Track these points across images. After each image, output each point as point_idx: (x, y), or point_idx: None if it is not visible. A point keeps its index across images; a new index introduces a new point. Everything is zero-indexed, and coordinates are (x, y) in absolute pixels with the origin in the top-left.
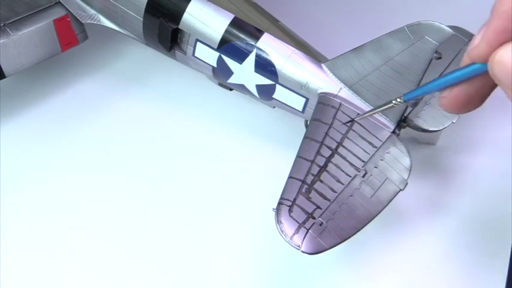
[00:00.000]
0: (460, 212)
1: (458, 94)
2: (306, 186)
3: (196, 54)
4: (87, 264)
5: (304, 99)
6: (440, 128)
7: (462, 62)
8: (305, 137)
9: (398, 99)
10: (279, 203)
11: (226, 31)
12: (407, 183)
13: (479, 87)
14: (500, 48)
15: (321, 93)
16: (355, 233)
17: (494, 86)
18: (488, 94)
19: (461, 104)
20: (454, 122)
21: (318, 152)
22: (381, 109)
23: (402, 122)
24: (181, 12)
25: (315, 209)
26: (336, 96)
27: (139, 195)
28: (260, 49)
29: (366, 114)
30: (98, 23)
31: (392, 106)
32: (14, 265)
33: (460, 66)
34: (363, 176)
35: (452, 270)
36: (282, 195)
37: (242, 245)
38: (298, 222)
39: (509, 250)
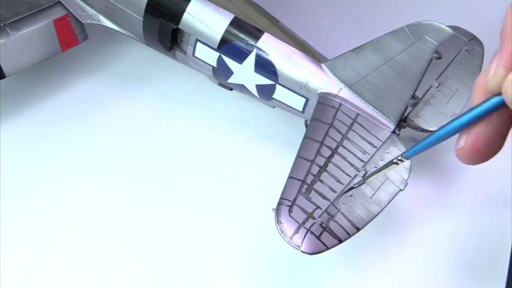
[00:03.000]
0: (460, 212)
1: (477, 139)
2: (306, 186)
3: (196, 54)
4: (87, 264)
5: (304, 99)
6: None
7: (472, 101)
8: (305, 137)
9: (399, 158)
10: (279, 203)
11: (226, 31)
12: (407, 183)
13: (499, 125)
14: None
15: (321, 93)
16: (355, 233)
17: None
18: (508, 132)
19: (484, 150)
20: None
21: (318, 152)
22: (384, 169)
23: (402, 122)
24: (181, 12)
25: (315, 209)
26: (336, 96)
27: (139, 195)
28: (260, 49)
29: (371, 176)
30: (98, 23)
31: (397, 164)
32: (14, 265)
33: (471, 104)
34: (363, 176)
35: (452, 270)
36: (282, 195)
37: (242, 245)
38: (298, 222)
39: (509, 250)
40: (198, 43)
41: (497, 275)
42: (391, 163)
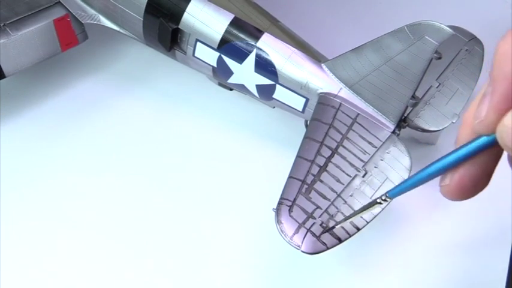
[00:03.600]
0: (459, 211)
1: (463, 178)
2: (306, 186)
3: (196, 54)
4: (87, 264)
5: (304, 99)
6: (440, 128)
7: (458, 137)
8: (305, 137)
9: (383, 197)
10: (279, 203)
11: (226, 31)
12: None
13: (485, 164)
14: (509, 113)
15: (321, 93)
16: (355, 233)
17: (499, 158)
18: (494, 170)
19: (469, 188)
20: (454, 122)
21: (318, 152)
22: (367, 210)
23: (402, 122)
24: (181, 12)
25: (315, 209)
26: (336, 96)
27: (139, 195)
28: (260, 49)
29: (355, 214)
30: (98, 23)
31: (380, 204)
32: (14, 265)
33: (457, 140)
34: (363, 176)
35: (452, 270)
36: (282, 195)
37: (242, 245)
38: (298, 222)
39: (509, 250)
40: (198, 43)
41: (497, 275)
42: (374, 203)
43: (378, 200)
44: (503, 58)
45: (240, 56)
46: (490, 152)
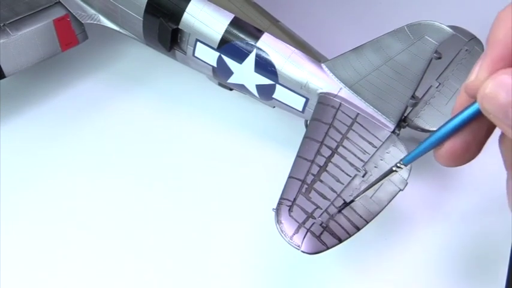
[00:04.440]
0: (459, 212)
1: (455, 144)
2: (306, 186)
3: (196, 54)
4: (87, 264)
5: (304, 99)
6: None
7: (456, 103)
8: (305, 137)
9: (398, 165)
10: (279, 203)
11: (226, 31)
12: (407, 183)
13: (477, 131)
14: (488, 80)
15: (321, 93)
16: (355, 233)
17: (491, 129)
18: (486, 139)
19: (459, 154)
20: None
21: (318, 152)
22: (385, 178)
23: (402, 122)
24: (181, 12)
25: (315, 209)
26: (336, 96)
27: (138, 194)
28: (260, 49)
29: (372, 185)
30: (98, 23)
31: (396, 172)
32: (14, 265)
33: (453, 108)
34: (363, 176)
35: (452, 270)
36: (282, 195)
37: (242, 245)
38: (298, 222)
39: (509, 250)
40: (198, 43)
41: (497, 275)
42: (390, 171)
43: (394, 168)
44: (498, 24)
45: (240, 56)
46: (482, 121)
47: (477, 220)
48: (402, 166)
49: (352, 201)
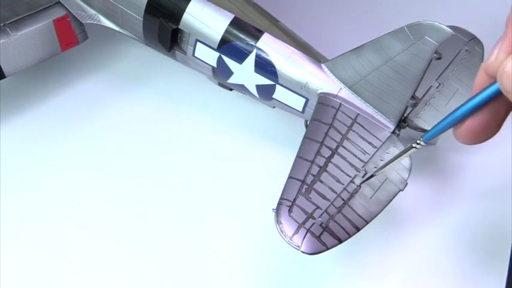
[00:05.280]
0: (459, 212)
1: (474, 122)
2: (306, 186)
3: (196, 54)
4: (87, 264)
5: (304, 100)
6: None
7: (476, 84)
8: (305, 137)
9: (418, 141)
10: (279, 203)
11: (226, 31)
12: (407, 183)
13: (496, 110)
14: (508, 59)
15: (321, 93)
16: (355, 233)
17: (510, 108)
18: (505, 118)
19: (479, 133)
20: None
21: (318, 152)
22: (403, 155)
23: (402, 122)
24: (181, 12)
25: (314, 209)
26: (336, 96)
27: (138, 194)
28: (260, 49)
29: (389, 163)
30: (98, 23)
31: (415, 149)
32: (14, 265)
33: (473, 87)
34: (363, 177)
35: (452, 270)
36: (281, 195)
37: (242, 245)
38: (298, 223)
39: (509, 250)
40: (198, 43)
41: (497, 275)
42: (409, 148)
43: (414, 145)
44: None
45: (240, 56)
46: (501, 100)
47: (477, 220)
48: (422, 143)
49: (372, 176)
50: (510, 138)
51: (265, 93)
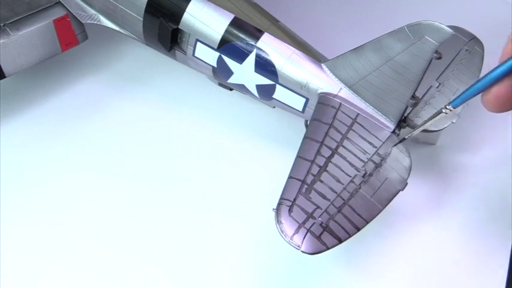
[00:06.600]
0: (459, 212)
1: (501, 89)
2: (306, 186)
3: (196, 54)
4: (87, 264)
5: (304, 99)
6: (440, 128)
7: (503, 53)
8: (305, 137)
9: (447, 107)
10: (279, 203)
11: (226, 31)
12: (407, 183)
13: None
14: None
15: (321, 93)
16: (355, 233)
17: None
18: None
19: (505, 99)
20: (454, 122)
21: (318, 152)
22: (433, 119)
23: (402, 122)
24: (181, 12)
25: (315, 209)
26: (336, 96)
27: (138, 194)
28: (260, 49)
29: (420, 128)
30: (98, 23)
31: (445, 114)
32: (14, 265)
33: (500, 57)
34: (363, 176)
35: (452, 270)
36: (282, 195)
37: (242, 245)
38: (298, 222)
39: (509, 250)
40: (198, 43)
41: (497, 274)
42: (439, 112)
43: (444, 110)
44: None
45: (240, 56)
46: None
47: (477, 220)
48: (451, 108)
49: (404, 139)
50: (510, 138)
51: (266, 93)
